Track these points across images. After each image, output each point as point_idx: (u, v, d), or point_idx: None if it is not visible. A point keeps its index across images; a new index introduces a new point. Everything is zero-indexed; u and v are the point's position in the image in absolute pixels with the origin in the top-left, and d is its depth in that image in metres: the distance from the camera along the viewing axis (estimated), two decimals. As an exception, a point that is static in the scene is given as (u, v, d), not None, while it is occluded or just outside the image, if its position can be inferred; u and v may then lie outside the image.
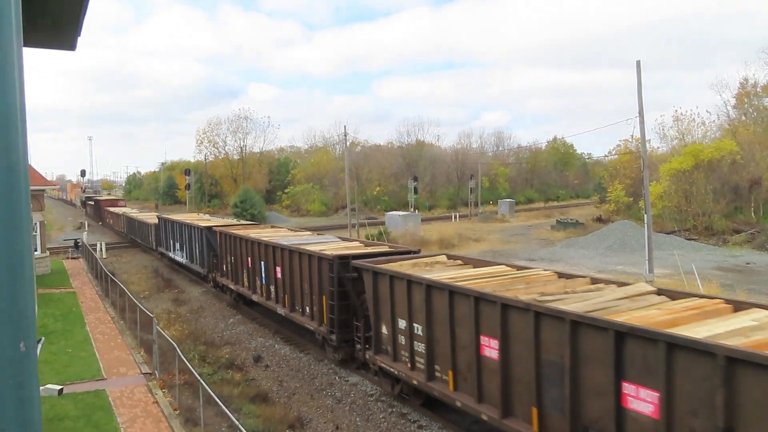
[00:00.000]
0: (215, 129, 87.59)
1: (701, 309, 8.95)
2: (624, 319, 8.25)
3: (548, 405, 9.07)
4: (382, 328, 13.60)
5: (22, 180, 1.23)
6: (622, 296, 9.92)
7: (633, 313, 8.87)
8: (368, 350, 14.25)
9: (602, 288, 10.66)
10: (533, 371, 9.25)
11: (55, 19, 4.58)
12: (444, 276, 12.24)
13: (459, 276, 12.41)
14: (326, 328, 15.88)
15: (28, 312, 1.26)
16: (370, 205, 78.30)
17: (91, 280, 29.34)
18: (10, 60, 1.18)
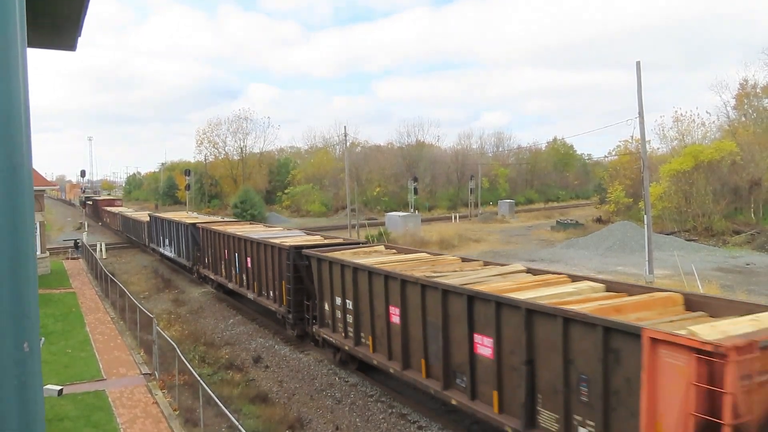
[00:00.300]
0: (215, 129, 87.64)
1: (545, 281, 11.36)
2: (480, 288, 10.63)
3: (431, 356, 11.78)
4: (324, 306, 16.13)
5: (26, 181, 1.24)
6: (496, 273, 12.39)
7: (491, 284, 11.20)
8: (315, 325, 16.69)
9: (486, 268, 13.36)
10: (421, 331, 11.95)
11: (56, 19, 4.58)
12: (370, 261, 14.70)
13: (383, 261, 14.94)
14: (285, 309, 18.08)
15: (31, 312, 1.27)
16: (370, 206, 78.31)
17: (91, 280, 29.34)
18: (14, 62, 1.18)
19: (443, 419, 12.69)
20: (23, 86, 1.21)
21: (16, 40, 1.18)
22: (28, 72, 1.34)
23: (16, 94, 1.20)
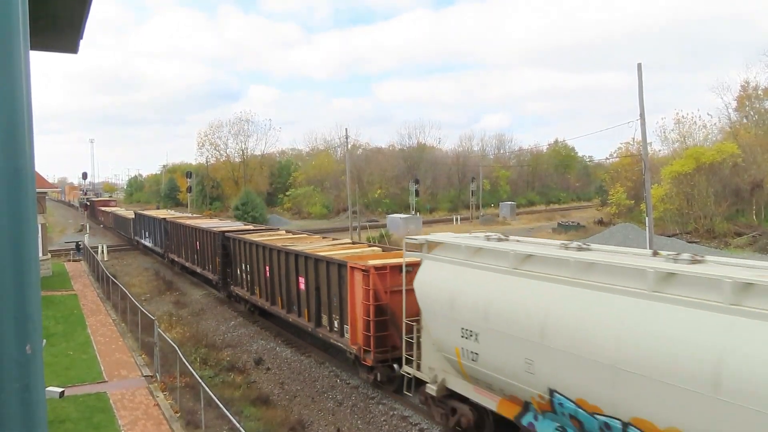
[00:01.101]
0: (216, 131, 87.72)
1: (350, 247, 18.94)
2: (302, 249, 17.70)
3: (283, 295, 18.51)
4: (237, 270, 23.03)
5: (28, 184, 1.24)
6: (327, 244, 20.00)
7: (313, 248, 18.17)
8: (232, 285, 23.65)
9: (329, 241, 21.30)
10: (278, 279, 18.76)
11: (57, 21, 4.59)
12: (260, 238, 21.69)
13: (268, 238, 22.01)
14: (217, 277, 25.36)
15: (34, 315, 1.27)
16: (371, 208, 78.32)
17: (92, 282, 29.36)
18: (17, 64, 1.19)
19: (443, 422, 12.66)
20: (26, 88, 1.21)
21: (19, 42, 1.18)
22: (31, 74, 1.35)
23: (19, 97, 1.20)
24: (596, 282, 7.99)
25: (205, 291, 28.08)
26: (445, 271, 10.88)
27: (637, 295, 7.34)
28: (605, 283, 7.85)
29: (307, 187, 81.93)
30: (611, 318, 7.55)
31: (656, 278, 7.19)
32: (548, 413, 8.99)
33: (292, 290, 17.82)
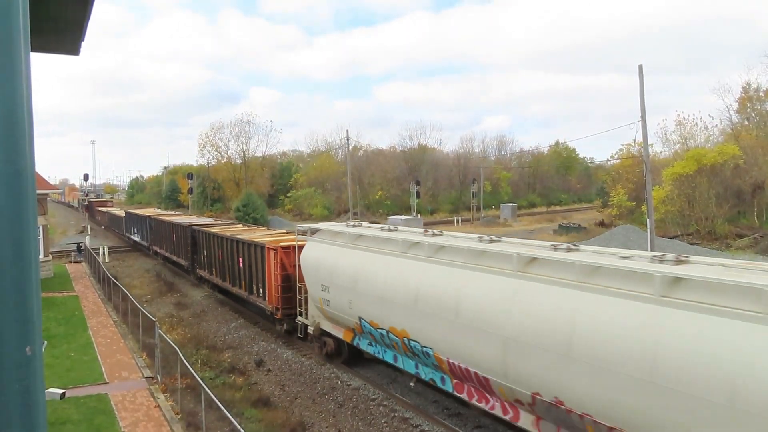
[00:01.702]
0: (218, 133, 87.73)
1: (282, 234, 24.00)
2: (241, 236, 22.74)
3: (231, 273, 23.11)
4: (200, 257, 27.93)
5: (29, 185, 1.24)
6: (267, 233, 24.67)
7: (252, 236, 22.82)
8: (198, 269, 28.51)
9: (271, 231, 26.85)
10: (228, 261, 23.33)
11: (60, 24, 4.60)
12: (215, 230, 26.86)
13: (224, 230, 27.02)
14: (187, 263, 30.06)
15: (34, 316, 1.27)
16: (373, 209, 78.29)
17: (93, 283, 29.37)
18: (18, 66, 1.19)
19: (445, 423, 12.66)
20: (26, 90, 1.21)
21: (19, 44, 1.19)
22: (32, 76, 1.35)
23: (20, 98, 1.20)
24: (392, 251, 13.17)
25: (206, 293, 28.09)
26: (316, 248, 16.30)
27: (400, 256, 12.90)
28: (393, 251, 13.14)
29: (308, 188, 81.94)
30: (384, 268, 13.07)
31: (471, 253, 11.31)
32: (361, 334, 14.71)
33: (235, 268, 22.74)
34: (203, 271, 27.53)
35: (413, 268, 12.15)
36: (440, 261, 11.57)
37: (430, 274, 11.56)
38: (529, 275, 9.47)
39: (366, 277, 13.51)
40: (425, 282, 11.61)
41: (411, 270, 12.18)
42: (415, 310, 11.77)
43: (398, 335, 12.54)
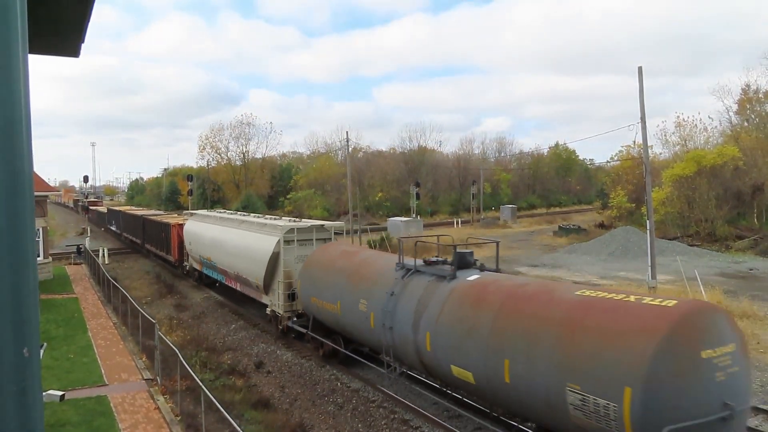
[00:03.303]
0: (218, 135, 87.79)
1: (180, 218, 38.55)
2: (163, 220, 36.93)
3: (158, 244, 36.53)
4: (146, 236, 38.38)
5: (26, 186, 1.24)
6: (177, 217, 39.03)
7: (171, 219, 36.98)
8: (146, 244, 38.46)
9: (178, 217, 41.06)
10: (156, 237, 36.56)
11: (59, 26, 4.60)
12: (153, 217, 39.52)
13: (157, 217, 39.41)
14: (141, 241, 40.40)
15: (31, 318, 1.26)
16: (372, 211, 78.28)
17: (93, 285, 29.35)
18: (15, 67, 1.19)
19: (445, 425, 12.64)
20: (24, 92, 1.21)
21: (18, 45, 1.18)
22: (30, 78, 1.35)
23: (17, 100, 1.20)
24: (213, 223, 27.02)
25: (206, 294, 28.08)
26: (190, 224, 29.49)
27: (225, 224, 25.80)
28: (242, 228, 23.68)
29: (308, 190, 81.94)
30: (210, 230, 26.40)
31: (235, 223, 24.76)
32: (203, 265, 27.80)
33: (162, 239, 35.13)
34: (149, 245, 39.14)
35: (216, 229, 26.03)
36: (224, 225, 25.59)
37: (220, 231, 25.40)
38: (236, 228, 24.05)
39: (204, 235, 27.18)
40: (218, 235, 25.30)
41: (216, 230, 25.97)
42: (214, 248, 25.53)
43: (211, 261, 26.22)
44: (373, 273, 14.98)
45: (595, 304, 9.19)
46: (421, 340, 12.14)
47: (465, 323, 11.01)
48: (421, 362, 12.46)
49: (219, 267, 25.00)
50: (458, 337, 11.10)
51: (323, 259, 17.39)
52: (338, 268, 16.19)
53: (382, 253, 19.58)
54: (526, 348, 9.51)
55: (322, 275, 16.76)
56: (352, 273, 15.56)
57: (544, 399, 9.06)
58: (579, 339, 8.74)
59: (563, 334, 9.01)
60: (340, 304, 15.49)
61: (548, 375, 8.97)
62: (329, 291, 16.06)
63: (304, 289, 17.56)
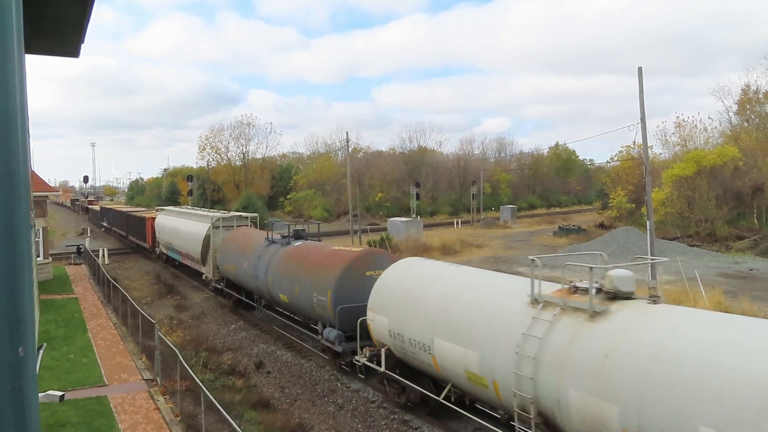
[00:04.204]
0: (218, 135, 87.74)
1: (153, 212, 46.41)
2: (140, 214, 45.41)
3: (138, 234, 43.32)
4: (129, 228, 46.34)
5: (21, 185, 1.24)
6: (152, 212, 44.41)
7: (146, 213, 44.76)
8: (129, 236, 46.40)
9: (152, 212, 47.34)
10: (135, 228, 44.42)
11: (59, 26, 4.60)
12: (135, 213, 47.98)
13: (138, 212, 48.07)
14: (125, 233, 48.25)
15: (26, 316, 1.26)
16: (372, 212, 78.29)
17: (93, 286, 29.35)
18: (10, 66, 1.18)
19: (445, 425, 12.64)
20: (19, 91, 1.21)
21: (12, 44, 1.18)
22: (27, 77, 1.34)
23: (12, 98, 1.20)
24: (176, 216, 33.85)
25: (206, 295, 28.08)
26: (160, 217, 36.43)
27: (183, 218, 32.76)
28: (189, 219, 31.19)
29: (308, 190, 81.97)
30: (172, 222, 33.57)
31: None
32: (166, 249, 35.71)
33: (140, 230, 41.56)
34: (131, 236, 45.64)
35: (175, 221, 32.36)
36: (179, 217, 32.65)
37: (177, 222, 31.93)
38: (185, 219, 31.70)
39: (167, 225, 34.04)
40: (175, 225, 31.97)
41: (174, 221, 32.55)
42: (172, 235, 32.14)
43: (171, 245, 33.12)
44: (253, 245, 22.27)
45: (329, 252, 17.58)
46: (269, 282, 19.81)
47: (287, 269, 18.80)
48: (270, 295, 20.31)
49: (176, 249, 32.94)
50: (281, 276, 18.94)
51: (231, 238, 25.18)
52: (238, 244, 23.79)
53: (262, 232, 24.52)
54: (302, 278, 17.57)
55: (229, 249, 24.43)
56: (244, 246, 23.05)
57: (308, 303, 17.10)
58: (317, 270, 16.97)
59: (313, 270, 17.19)
60: (236, 266, 23.15)
61: (309, 290, 16.94)
62: (232, 258, 23.68)
63: (220, 258, 25.36)
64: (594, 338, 8.45)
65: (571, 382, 8.45)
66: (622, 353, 7.90)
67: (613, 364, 7.92)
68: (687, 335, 7.54)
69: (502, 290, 11.13)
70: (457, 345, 11.03)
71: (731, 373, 6.63)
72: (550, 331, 9.13)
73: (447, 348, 11.35)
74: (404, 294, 12.99)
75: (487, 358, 10.21)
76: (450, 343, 11.24)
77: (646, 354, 7.59)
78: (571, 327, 8.93)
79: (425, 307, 12.16)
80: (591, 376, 8.17)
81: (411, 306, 12.58)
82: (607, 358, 8.04)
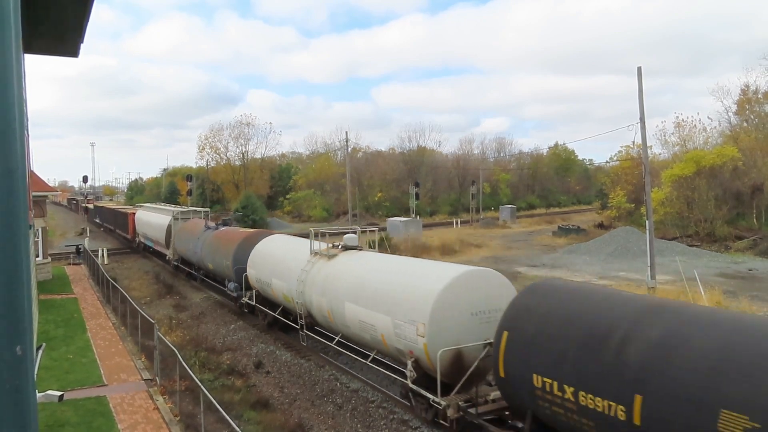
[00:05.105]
0: (217, 135, 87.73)
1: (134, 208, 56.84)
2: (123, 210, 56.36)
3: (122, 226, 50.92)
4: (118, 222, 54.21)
5: (19, 184, 1.24)
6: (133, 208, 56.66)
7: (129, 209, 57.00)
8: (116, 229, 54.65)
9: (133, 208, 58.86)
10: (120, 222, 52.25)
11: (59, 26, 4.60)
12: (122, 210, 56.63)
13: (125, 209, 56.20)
14: (114, 227, 55.16)
15: (24, 315, 1.26)
16: (372, 211, 78.28)
17: (92, 285, 29.34)
18: (9, 64, 1.18)
19: (444, 427, 12.63)
20: (17, 90, 1.21)
21: (11, 43, 1.18)
22: (27, 77, 1.34)
23: (10, 98, 1.20)
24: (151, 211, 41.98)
25: (206, 294, 28.07)
26: (139, 212, 44.62)
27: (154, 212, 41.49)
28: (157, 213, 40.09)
29: (307, 190, 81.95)
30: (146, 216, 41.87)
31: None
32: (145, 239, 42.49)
33: (123, 224, 47.89)
34: (118, 230, 51.91)
35: (148, 215, 41.27)
36: (150, 212, 41.94)
37: (149, 216, 40.71)
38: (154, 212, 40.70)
39: (142, 218, 42.28)
40: (148, 219, 40.42)
41: (148, 215, 41.23)
42: (146, 226, 40.44)
43: (146, 234, 40.70)
44: (197, 231, 29.51)
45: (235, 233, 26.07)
46: (203, 255, 27.44)
47: (212, 245, 26.24)
48: (204, 265, 27.64)
49: (150, 237, 40.02)
50: (208, 251, 26.51)
51: (184, 227, 32.69)
52: (188, 231, 31.27)
53: (202, 221, 32.03)
54: (219, 250, 24.94)
55: (182, 235, 31.88)
56: (191, 232, 30.39)
57: (221, 267, 24.57)
58: (225, 245, 25.10)
59: (224, 245, 24.98)
60: (186, 248, 30.55)
61: (221, 259, 24.46)
62: (184, 242, 31.21)
63: (176, 242, 32.95)
64: (325, 268, 16.38)
65: (314, 291, 16.40)
66: (332, 274, 15.87)
67: (328, 280, 15.85)
68: (363, 263, 15.43)
69: (299, 249, 19.03)
70: (280, 281, 18.77)
71: (371, 275, 14.41)
72: (311, 267, 17.00)
73: (276, 284, 19.09)
74: (263, 256, 20.76)
75: (290, 286, 17.71)
76: (278, 281, 18.95)
77: (337, 272, 15.70)
78: (318, 264, 16.85)
79: (269, 262, 20.08)
80: (320, 287, 16.10)
81: (264, 263, 20.34)
82: (326, 277, 16.01)
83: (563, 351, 8.62)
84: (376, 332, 13.11)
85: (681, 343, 7.39)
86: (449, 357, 11.43)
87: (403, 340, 12.18)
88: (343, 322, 14.78)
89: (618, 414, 7.60)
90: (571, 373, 8.37)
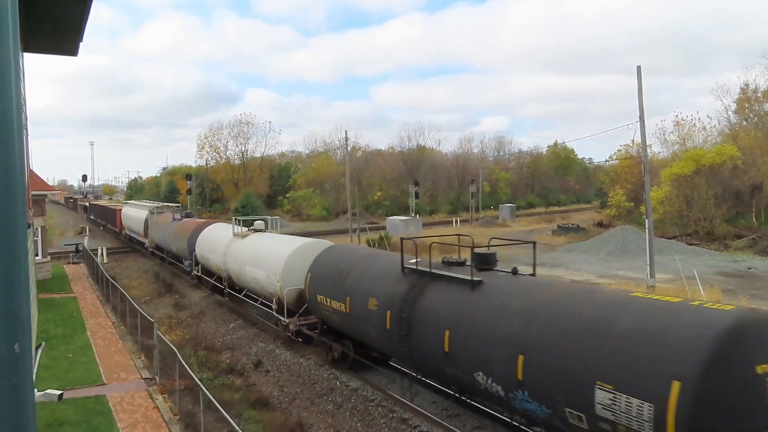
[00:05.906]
0: (217, 134, 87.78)
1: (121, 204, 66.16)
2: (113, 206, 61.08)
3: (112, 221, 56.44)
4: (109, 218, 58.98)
5: (18, 183, 1.24)
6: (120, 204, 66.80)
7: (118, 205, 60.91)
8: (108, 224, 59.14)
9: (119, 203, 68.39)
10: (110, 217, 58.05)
11: (58, 25, 4.61)
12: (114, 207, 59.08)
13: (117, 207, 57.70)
14: (105, 222, 60.99)
15: (22, 313, 1.26)
16: (371, 210, 78.28)
17: (92, 284, 29.32)
18: (7, 65, 1.18)
19: (444, 424, 12.65)
20: (16, 89, 1.21)
21: (9, 43, 1.18)
22: (26, 76, 1.34)
23: (8, 97, 1.20)
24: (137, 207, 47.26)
25: (205, 293, 28.08)
26: (125, 208, 50.23)
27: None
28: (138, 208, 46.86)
29: (306, 189, 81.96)
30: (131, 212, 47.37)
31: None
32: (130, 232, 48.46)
33: (112, 219, 54.08)
34: (108, 224, 56.22)
35: (131, 210, 47.04)
36: (132, 207, 48.74)
37: (132, 211, 46.68)
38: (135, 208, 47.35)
39: (127, 213, 47.50)
40: (131, 213, 45.84)
41: (131, 210, 47.10)
42: (129, 220, 45.93)
43: (130, 227, 45.54)
44: (166, 222, 36.13)
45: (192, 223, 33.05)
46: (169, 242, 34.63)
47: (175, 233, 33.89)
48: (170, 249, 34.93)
49: (132, 229, 44.81)
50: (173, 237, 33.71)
51: (157, 219, 38.30)
52: (159, 222, 37.36)
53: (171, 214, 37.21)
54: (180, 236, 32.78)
55: (155, 225, 38.02)
56: (162, 223, 36.36)
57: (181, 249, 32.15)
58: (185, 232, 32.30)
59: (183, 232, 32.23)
60: (158, 236, 36.80)
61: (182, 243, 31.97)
62: (157, 231, 37.02)
63: (152, 232, 38.73)
64: (239, 245, 22.80)
65: (231, 260, 22.96)
66: (242, 248, 22.45)
67: (240, 252, 22.45)
68: (260, 240, 22.06)
69: (227, 233, 25.47)
70: (214, 255, 25.27)
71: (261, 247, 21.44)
72: (231, 244, 23.59)
73: (212, 258, 25.64)
74: (205, 239, 27.17)
75: (218, 258, 24.47)
76: (213, 255, 25.42)
77: (244, 247, 22.42)
78: (236, 243, 23.30)
79: (208, 243, 26.55)
80: (234, 257, 22.77)
81: (205, 244, 26.97)
82: (240, 250, 22.45)
83: (328, 280, 15.86)
84: (259, 283, 20.22)
85: (367, 267, 15.00)
86: (294, 294, 18.09)
87: (270, 286, 19.15)
88: (246, 279, 21.68)
89: (345, 309, 14.86)
90: (329, 291, 15.65)
